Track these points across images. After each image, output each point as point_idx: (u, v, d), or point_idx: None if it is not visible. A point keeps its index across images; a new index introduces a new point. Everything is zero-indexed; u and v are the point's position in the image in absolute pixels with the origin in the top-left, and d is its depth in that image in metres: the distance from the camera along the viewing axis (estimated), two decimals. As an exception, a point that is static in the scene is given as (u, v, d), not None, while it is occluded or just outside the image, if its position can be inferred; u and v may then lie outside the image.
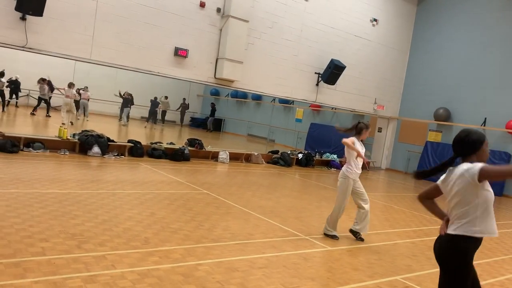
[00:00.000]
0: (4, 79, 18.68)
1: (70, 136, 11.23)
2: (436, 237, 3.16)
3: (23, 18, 9.71)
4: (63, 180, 7.70)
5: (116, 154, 11.26)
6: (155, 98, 23.63)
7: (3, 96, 18.72)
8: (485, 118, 15.90)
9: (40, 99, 18.53)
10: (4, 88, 18.80)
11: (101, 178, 8.49)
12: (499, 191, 15.00)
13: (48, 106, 18.81)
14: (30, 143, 10.31)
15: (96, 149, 10.94)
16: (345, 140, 6.28)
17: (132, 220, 5.74)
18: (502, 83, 15.65)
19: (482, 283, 5.33)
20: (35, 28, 9.91)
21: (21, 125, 16.07)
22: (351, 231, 6.50)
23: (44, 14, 9.65)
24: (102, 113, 22.19)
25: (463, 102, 16.69)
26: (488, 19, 16.27)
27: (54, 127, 12.97)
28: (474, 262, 6.38)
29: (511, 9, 15.60)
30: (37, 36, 9.98)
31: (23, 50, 9.95)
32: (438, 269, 5.68)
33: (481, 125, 15.99)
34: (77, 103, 18.38)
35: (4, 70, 18.56)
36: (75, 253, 4.32)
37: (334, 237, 6.30)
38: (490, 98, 15.92)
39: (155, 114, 23.41)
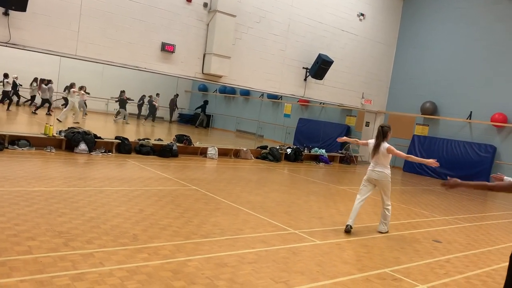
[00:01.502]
0: (10, 80, 18.99)
1: (56, 133, 11.08)
2: (422, 230, 3.18)
3: (5, 14, 9.51)
4: (50, 177, 7.60)
5: (103, 151, 11.15)
6: (150, 96, 23.55)
7: (8, 97, 19.15)
8: (471, 112, 16.10)
9: (43, 101, 19.01)
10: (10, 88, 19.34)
11: (88, 175, 8.40)
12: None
13: (50, 106, 19.19)
14: (15, 140, 10.15)
15: (83, 146, 10.82)
16: (396, 152, 6.56)
17: (120, 217, 5.70)
18: (487, 77, 15.84)
19: (469, 274, 5.43)
20: (18, 23, 9.73)
21: (7, 123, 15.82)
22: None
23: (27, 9, 9.47)
24: (89, 109, 21.94)
25: (449, 96, 16.86)
26: (473, 14, 16.43)
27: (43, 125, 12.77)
28: (461, 254, 6.44)
29: (495, 3, 15.77)
30: (20, 31, 9.79)
31: (6, 46, 9.77)
32: (425, 261, 5.75)
33: (467, 119, 16.19)
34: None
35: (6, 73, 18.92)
36: (62, 251, 4.27)
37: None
38: (476, 92, 16.11)
39: (153, 111, 23.45)
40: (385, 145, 6.54)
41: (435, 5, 17.65)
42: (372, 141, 6.75)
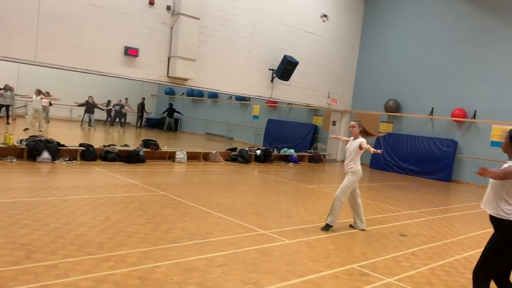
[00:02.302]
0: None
1: (17, 142, 10.72)
2: (389, 225, 3.26)
3: (-42, 20, 9.15)
4: (11, 188, 7.34)
5: (67, 159, 10.86)
6: (120, 100, 23.12)
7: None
8: (432, 108, 16.62)
9: (1, 106, 18.26)
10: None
11: (52, 184, 8.16)
12: (447, 177, 15.75)
13: (8, 114, 18.36)
14: (-28, 151, 9.76)
15: (45, 155, 10.51)
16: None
17: (85, 226, 5.57)
18: (446, 74, 16.40)
19: (433, 265, 5.60)
20: (-28, 29, 9.37)
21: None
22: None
23: (-19, 14, 9.14)
24: (52, 116, 21.34)
25: (411, 93, 17.36)
26: (431, 13, 16.98)
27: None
28: (425, 246, 6.62)
29: (452, 2, 16.36)
30: (-26, 38, 9.44)
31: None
32: (391, 255, 5.89)
33: (429, 115, 16.70)
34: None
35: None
36: (24, 264, 4.13)
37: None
38: (436, 89, 16.65)
39: (121, 117, 23.04)
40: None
41: (396, 5, 18.13)
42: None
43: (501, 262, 3.58)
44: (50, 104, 19.22)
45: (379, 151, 6.74)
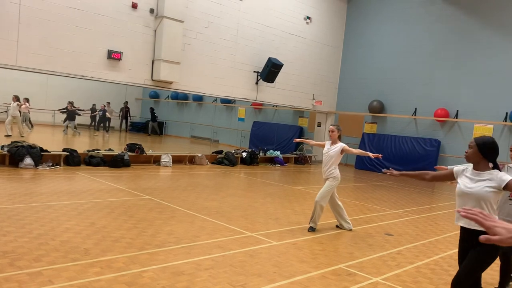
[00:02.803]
0: None
1: (-2, 149, 10.53)
2: (375, 224, 3.29)
3: None
4: (-8, 195, 7.20)
5: (50, 165, 10.71)
6: (103, 106, 22.81)
7: None
8: (416, 108, 16.84)
9: None
10: None
11: (35, 190, 8.03)
12: (431, 176, 15.94)
13: None
14: (-48, 158, 9.55)
15: (28, 161, 10.34)
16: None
17: (70, 232, 5.49)
18: (428, 74, 16.65)
19: (419, 264, 5.65)
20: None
21: None
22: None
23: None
24: (35, 122, 21.02)
25: (395, 94, 17.57)
26: (412, 15, 17.23)
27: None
28: (411, 245, 6.69)
29: (432, 4, 16.63)
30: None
31: None
32: (378, 254, 5.95)
33: (412, 115, 16.92)
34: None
35: None
36: (7, 272, 4.05)
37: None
38: (419, 89, 16.89)
39: (105, 121, 22.70)
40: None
41: (379, 7, 18.34)
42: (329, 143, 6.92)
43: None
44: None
45: (379, 155, 6.70)
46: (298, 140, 7.86)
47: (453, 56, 15.99)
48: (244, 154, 15.74)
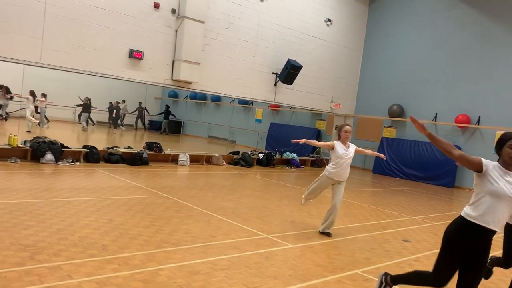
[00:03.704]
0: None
1: (21, 144, 10.75)
2: (392, 230, 3.25)
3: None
4: (14, 189, 7.35)
5: (70, 161, 10.88)
6: (117, 103, 23.14)
7: None
8: (436, 113, 16.58)
9: None
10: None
11: (55, 186, 8.17)
12: (450, 183, 15.70)
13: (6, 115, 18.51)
14: (-24, 152, 9.79)
15: (49, 156, 10.53)
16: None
17: (88, 228, 5.57)
18: (451, 79, 16.39)
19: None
20: (-22, 31, 9.41)
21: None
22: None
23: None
24: (56, 118, 21.42)
25: (415, 98, 17.34)
26: (435, 19, 16.99)
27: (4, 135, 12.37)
28: (429, 252, 6.54)
29: (456, 8, 16.37)
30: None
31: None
32: (395, 261, 5.87)
33: (433, 120, 16.67)
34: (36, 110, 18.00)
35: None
36: (28, 265, 4.13)
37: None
38: (440, 94, 16.63)
39: (118, 118, 23.06)
40: None
41: (400, 10, 18.14)
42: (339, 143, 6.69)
43: None
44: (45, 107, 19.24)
45: (383, 156, 6.67)
46: (302, 141, 6.89)
47: (475, 61, 15.70)
48: (261, 156, 15.73)
